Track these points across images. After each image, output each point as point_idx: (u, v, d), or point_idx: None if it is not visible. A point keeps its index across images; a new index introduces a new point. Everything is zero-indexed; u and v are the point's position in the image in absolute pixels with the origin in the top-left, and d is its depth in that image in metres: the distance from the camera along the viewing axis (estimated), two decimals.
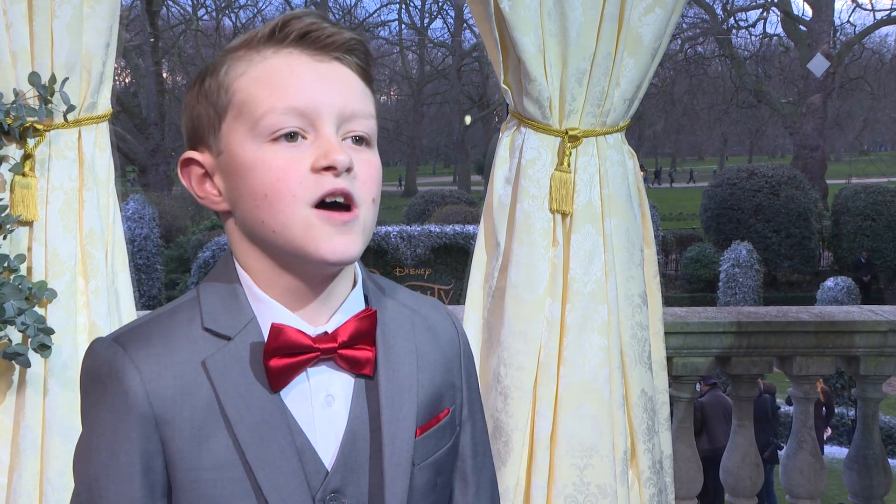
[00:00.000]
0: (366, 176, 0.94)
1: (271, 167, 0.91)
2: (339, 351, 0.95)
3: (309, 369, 0.96)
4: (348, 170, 0.91)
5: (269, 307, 0.96)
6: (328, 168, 0.90)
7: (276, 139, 0.91)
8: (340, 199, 0.91)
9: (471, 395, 1.13)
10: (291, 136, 0.91)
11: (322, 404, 0.97)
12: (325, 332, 0.96)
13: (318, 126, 0.92)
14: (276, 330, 0.92)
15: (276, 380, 0.93)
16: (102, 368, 0.93)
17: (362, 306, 1.02)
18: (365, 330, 0.97)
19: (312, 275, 0.95)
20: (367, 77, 0.98)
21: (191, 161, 0.98)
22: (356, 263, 1.03)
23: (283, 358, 0.92)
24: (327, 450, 0.97)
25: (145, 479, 0.91)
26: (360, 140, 0.96)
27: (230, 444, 0.92)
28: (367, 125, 0.96)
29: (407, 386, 1.01)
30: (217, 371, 0.93)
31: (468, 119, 35.64)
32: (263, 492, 0.92)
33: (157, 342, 0.94)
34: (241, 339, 0.94)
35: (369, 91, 0.99)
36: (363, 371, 0.98)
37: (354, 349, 0.97)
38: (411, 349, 1.04)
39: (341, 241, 0.91)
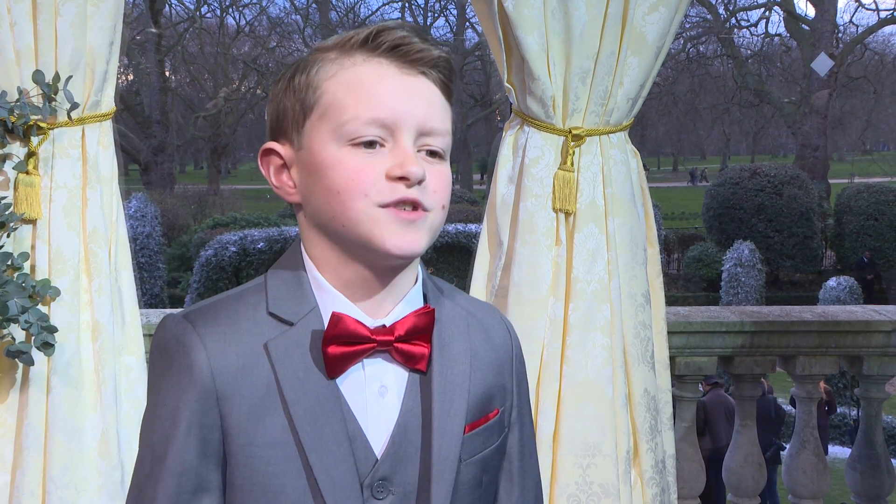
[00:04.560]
0: (436, 185, 0.99)
1: (347, 167, 0.95)
2: (395, 344, 0.99)
3: (365, 360, 0.99)
4: (420, 181, 0.96)
5: (332, 297, 1.00)
6: (402, 178, 0.95)
7: (355, 144, 0.96)
8: (410, 208, 0.97)
9: (521, 399, 1.16)
10: (370, 144, 0.96)
11: (375, 394, 1.00)
12: (384, 325, 1.00)
13: (397, 136, 0.97)
14: (336, 318, 0.96)
15: (333, 367, 0.97)
16: (171, 342, 0.98)
17: (421, 304, 1.06)
18: (423, 326, 1.01)
19: (378, 267, 0.99)
20: (448, 93, 1.04)
21: (271, 151, 1.03)
22: (419, 264, 1.07)
23: (340, 346, 0.96)
24: (378, 438, 1.00)
25: (202, 449, 0.96)
26: (433, 153, 1.00)
27: (285, 424, 0.96)
28: (443, 140, 1.01)
29: (459, 383, 1.04)
30: (278, 354, 0.97)
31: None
32: (314, 472, 0.95)
33: (223, 322, 0.98)
34: (302, 326, 0.99)
35: (449, 107, 1.04)
36: (417, 366, 1.02)
37: (410, 344, 1.00)
38: (466, 349, 1.07)
39: (407, 236, 0.96)
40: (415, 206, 0.96)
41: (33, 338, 1.84)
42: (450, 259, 14.55)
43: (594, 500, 1.91)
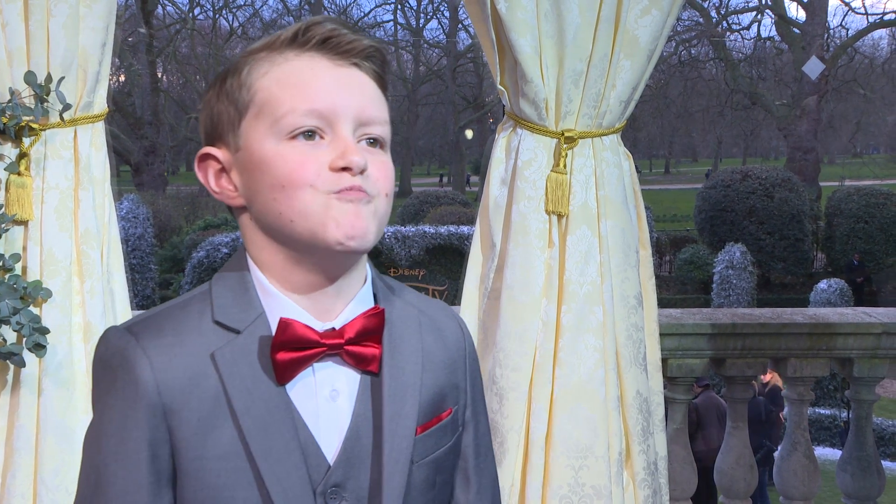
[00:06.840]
0: (379, 174, 0.97)
1: (289, 160, 0.93)
2: (346, 347, 0.97)
3: (315, 364, 0.97)
4: (363, 171, 0.95)
5: (279, 302, 0.98)
6: (345, 168, 0.94)
7: (294, 136, 0.94)
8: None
9: (475, 397, 1.15)
10: (309, 135, 0.95)
11: (327, 399, 0.99)
12: (333, 329, 0.98)
13: (336, 127, 0.95)
14: (284, 324, 0.94)
15: (283, 373, 0.95)
16: (115, 357, 0.95)
17: (371, 304, 1.04)
18: (372, 327, 0.99)
19: (326, 267, 0.97)
20: (382, 83, 1.03)
21: (208, 156, 1.01)
22: (367, 263, 1.05)
23: (289, 352, 0.94)
24: (330, 444, 0.98)
25: (152, 466, 0.93)
26: (374, 142, 0.99)
27: (235, 435, 0.94)
28: (382, 129, 1.00)
29: (410, 384, 1.03)
30: (225, 363, 0.95)
31: (469, 133, 35.70)
32: (265, 483, 0.94)
33: (168, 333, 0.96)
34: (249, 333, 0.96)
35: (384, 97, 1.03)
36: (368, 368, 1.00)
37: (361, 346, 0.98)
38: (417, 348, 1.05)
39: (358, 224, 0.93)
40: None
41: (25, 339, 1.83)
42: (442, 261, 14.55)
43: (586, 502, 1.91)
